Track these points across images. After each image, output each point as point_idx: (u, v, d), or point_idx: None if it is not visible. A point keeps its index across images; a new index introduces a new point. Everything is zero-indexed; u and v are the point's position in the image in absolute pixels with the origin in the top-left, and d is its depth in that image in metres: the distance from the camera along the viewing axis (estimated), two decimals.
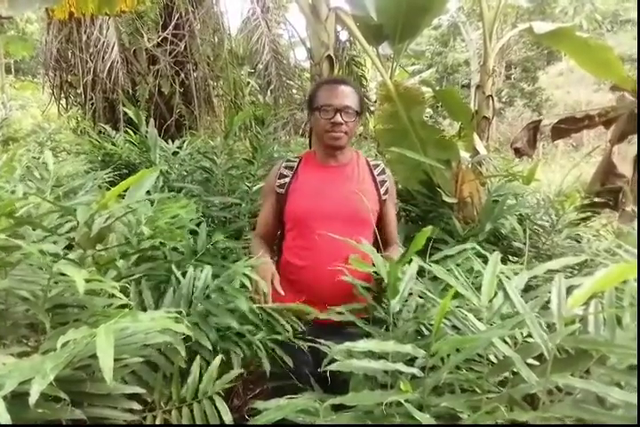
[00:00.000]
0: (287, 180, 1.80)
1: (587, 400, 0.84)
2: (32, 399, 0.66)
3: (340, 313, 1.35)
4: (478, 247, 1.58)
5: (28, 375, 0.70)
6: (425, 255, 1.48)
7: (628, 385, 0.84)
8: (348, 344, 0.91)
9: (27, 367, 0.73)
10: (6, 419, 0.63)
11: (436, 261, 1.48)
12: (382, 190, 1.82)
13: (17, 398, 0.75)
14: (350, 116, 1.71)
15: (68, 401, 0.84)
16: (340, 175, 1.79)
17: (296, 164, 1.84)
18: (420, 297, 1.35)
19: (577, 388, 0.84)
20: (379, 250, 1.50)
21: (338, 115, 1.69)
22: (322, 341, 1.20)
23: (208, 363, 1.17)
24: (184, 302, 1.30)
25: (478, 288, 1.16)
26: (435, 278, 1.39)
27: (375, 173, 1.84)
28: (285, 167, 1.83)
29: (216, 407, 1.10)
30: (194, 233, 1.82)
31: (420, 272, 1.38)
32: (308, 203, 1.74)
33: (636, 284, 1.04)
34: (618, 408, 0.81)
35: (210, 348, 1.18)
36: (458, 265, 1.45)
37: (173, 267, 1.44)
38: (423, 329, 1.21)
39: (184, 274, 1.42)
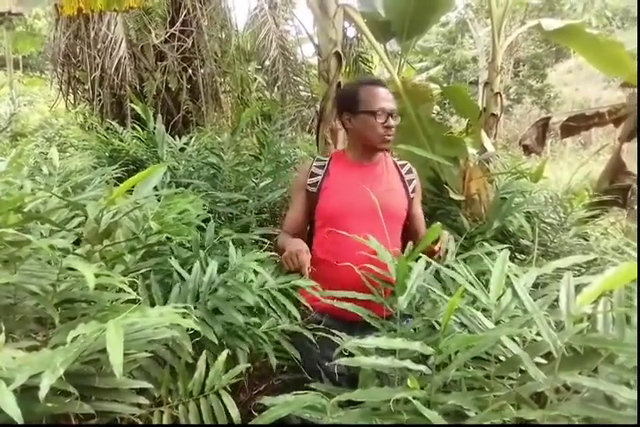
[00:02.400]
0: (319, 178, 1.84)
1: (595, 399, 0.84)
2: (42, 393, 0.66)
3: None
4: (496, 251, 1.58)
5: (37, 369, 0.70)
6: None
7: (636, 384, 0.84)
8: (356, 341, 0.91)
9: (36, 361, 0.73)
10: (17, 413, 0.64)
11: (457, 261, 1.48)
12: (410, 188, 1.88)
13: (26, 392, 0.75)
14: (397, 119, 1.79)
15: (77, 395, 0.85)
16: (371, 174, 1.84)
17: (327, 163, 1.88)
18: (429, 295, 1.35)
19: (585, 386, 0.84)
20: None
21: (390, 118, 1.75)
22: (336, 332, 1.21)
23: (216, 357, 1.17)
24: (191, 297, 1.31)
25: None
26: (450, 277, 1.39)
27: (403, 171, 1.90)
28: (317, 166, 1.87)
29: (223, 402, 1.10)
30: (200, 229, 1.82)
31: (436, 271, 1.39)
32: (340, 201, 1.78)
33: None
34: (626, 407, 0.80)
35: (216, 342, 1.18)
36: (471, 264, 1.45)
37: (174, 262, 1.44)
38: (436, 326, 1.21)
39: (190, 270, 1.42)
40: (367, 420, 0.86)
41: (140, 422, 1.01)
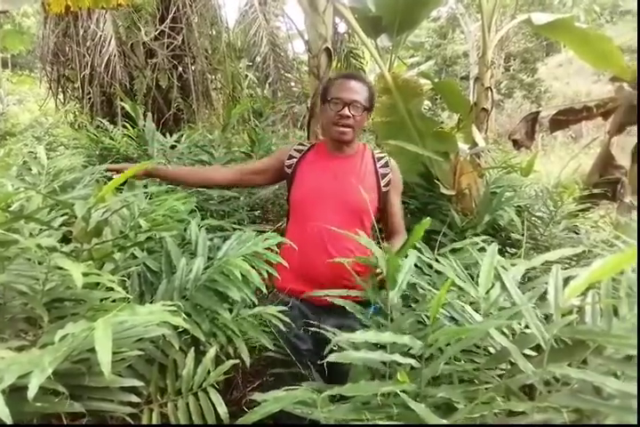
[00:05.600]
0: (294, 161, 1.88)
1: (583, 390, 0.84)
2: (31, 393, 0.66)
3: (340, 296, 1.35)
4: (482, 244, 1.59)
5: (26, 369, 0.70)
6: (430, 248, 1.50)
7: (624, 375, 0.84)
8: (346, 335, 0.91)
9: (25, 361, 0.73)
10: (5, 412, 0.63)
11: (441, 254, 1.49)
12: (383, 182, 1.87)
13: (15, 392, 0.75)
14: (358, 111, 1.78)
15: (67, 395, 0.85)
16: (343, 167, 1.85)
17: (306, 149, 1.91)
18: (422, 289, 1.36)
19: (574, 378, 0.84)
20: (379, 241, 1.51)
21: (346, 108, 1.76)
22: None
23: (204, 353, 1.17)
24: (177, 294, 1.29)
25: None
26: (440, 271, 1.40)
27: (378, 165, 1.89)
28: (296, 150, 1.92)
29: (210, 400, 1.10)
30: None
31: (429, 265, 1.39)
32: (307, 188, 1.82)
33: (633, 274, 1.04)
34: (614, 398, 0.81)
35: (203, 339, 1.18)
36: (463, 258, 1.45)
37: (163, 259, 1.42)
38: (426, 320, 1.21)
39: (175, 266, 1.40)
40: (357, 414, 0.86)
41: (131, 421, 1.01)
